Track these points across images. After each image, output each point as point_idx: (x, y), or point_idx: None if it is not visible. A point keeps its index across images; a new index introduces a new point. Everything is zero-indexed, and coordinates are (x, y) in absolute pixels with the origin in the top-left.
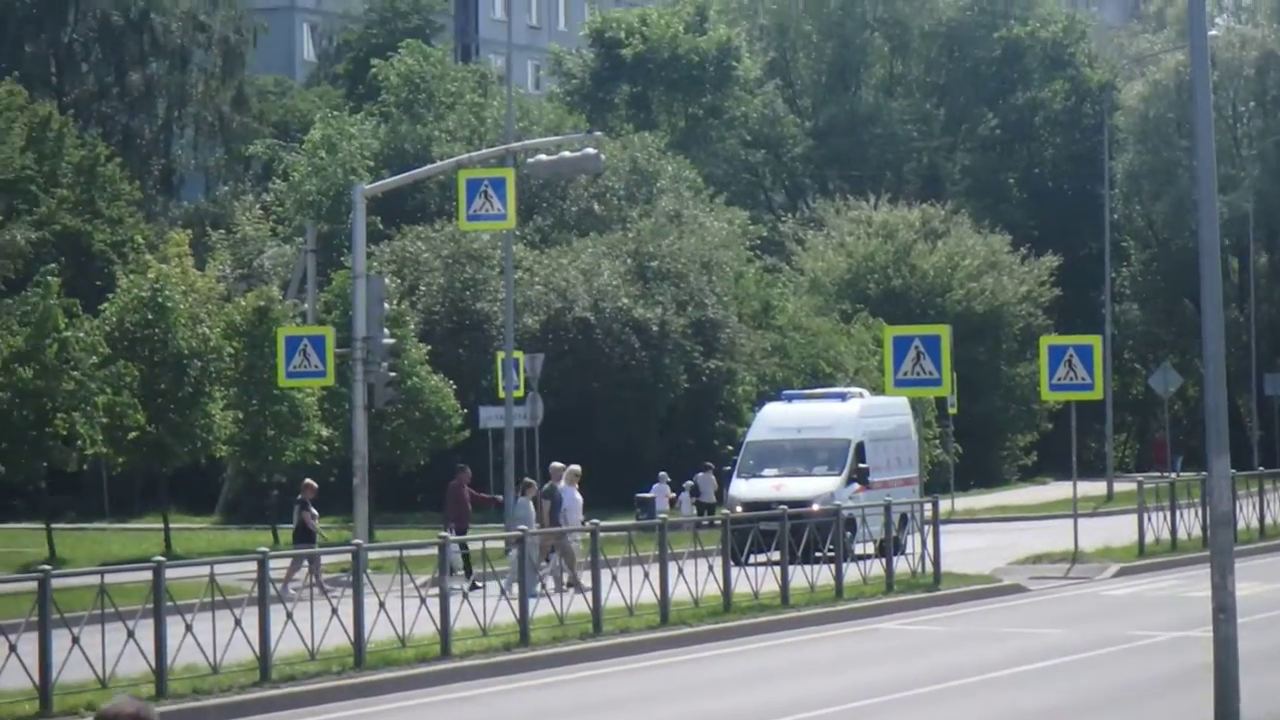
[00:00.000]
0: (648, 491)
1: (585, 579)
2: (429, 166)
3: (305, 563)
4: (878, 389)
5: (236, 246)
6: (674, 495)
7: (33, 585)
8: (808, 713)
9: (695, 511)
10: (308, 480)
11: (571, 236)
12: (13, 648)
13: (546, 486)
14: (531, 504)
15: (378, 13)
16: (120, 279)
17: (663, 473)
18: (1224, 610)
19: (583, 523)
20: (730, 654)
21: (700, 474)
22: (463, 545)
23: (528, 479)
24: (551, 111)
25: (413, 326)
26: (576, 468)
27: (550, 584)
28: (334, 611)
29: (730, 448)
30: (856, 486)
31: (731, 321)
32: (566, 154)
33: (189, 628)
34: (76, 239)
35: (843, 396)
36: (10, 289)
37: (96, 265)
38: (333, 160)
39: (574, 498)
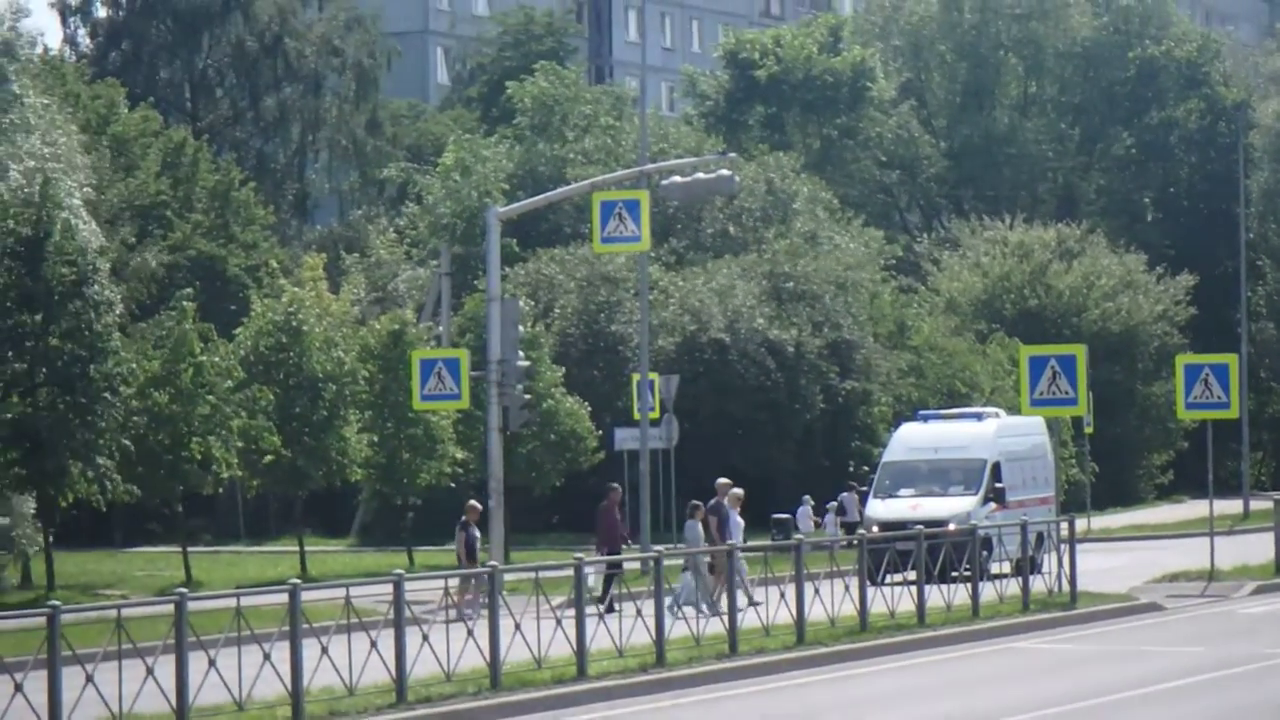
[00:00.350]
0: (787, 513)
1: (736, 600)
2: (563, 189)
3: (473, 582)
4: (1013, 409)
5: (371, 270)
6: (818, 518)
7: (169, 608)
8: None
9: (841, 532)
10: (471, 502)
11: (707, 258)
12: (150, 671)
13: (713, 503)
14: (700, 525)
15: (511, 35)
16: (255, 303)
17: (806, 495)
18: None
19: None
20: (866, 674)
21: (845, 494)
22: (611, 566)
23: (694, 502)
24: (688, 134)
25: (547, 349)
26: (739, 491)
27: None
28: (470, 633)
29: (866, 468)
30: (993, 506)
31: (867, 342)
32: (701, 175)
33: (325, 650)
34: (211, 264)
35: (979, 416)
36: (144, 313)
37: (231, 290)
38: (466, 183)
39: (735, 520)
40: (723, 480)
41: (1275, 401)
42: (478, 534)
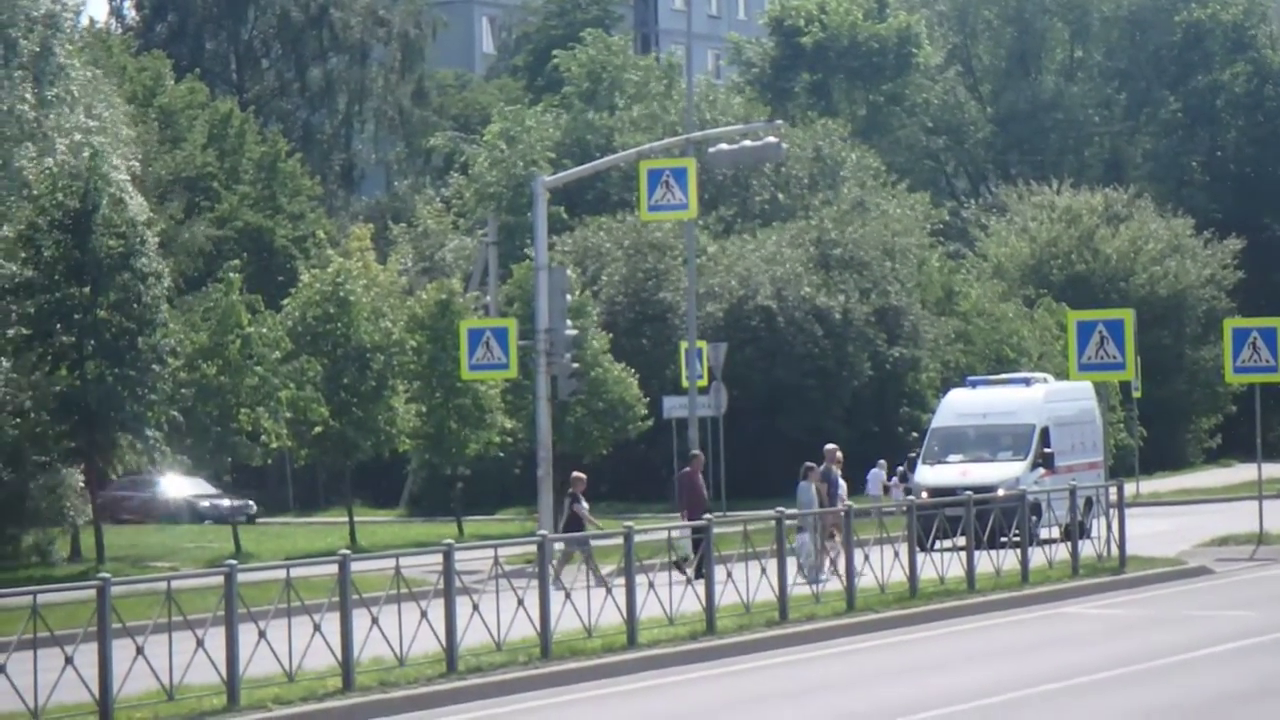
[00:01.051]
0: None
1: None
2: (609, 157)
3: (576, 550)
4: (1061, 374)
5: (418, 240)
6: (888, 482)
7: (219, 580)
8: (995, 697)
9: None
10: (577, 473)
11: (755, 226)
12: (200, 643)
13: (823, 468)
14: (814, 488)
15: (556, 4)
16: (302, 274)
17: (881, 460)
18: None
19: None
20: (916, 640)
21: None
22: (697, 531)
23: (809, 464)
24: (735, 102)
25: (595, 317)
26: (838, 452)
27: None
28: (520, 603)
29: (915, 434)
30: (1042, 471)
31: (915, 309)
32: (748, 143)
33: (375, 620)
34: (258, 235)
35: (1027, 382)
36: (191, 285)
37: (278, 261)
38: (513, 152)
39: (841, 483)
40: (830, 445)
41: None
42: (586, 505)
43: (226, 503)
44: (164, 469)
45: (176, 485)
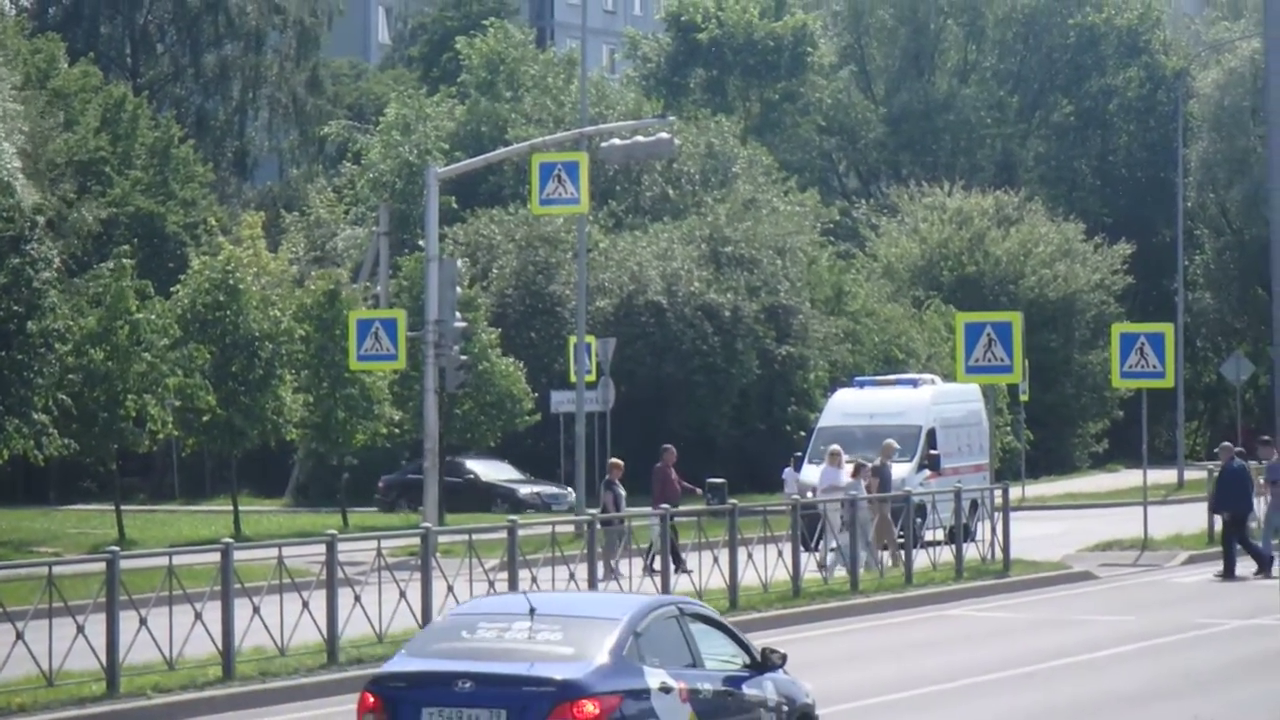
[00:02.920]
0: (721, 478)
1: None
2: (502, 150)
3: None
4: (949, 376)
5: (310, 229)
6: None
7: (101, 566)
8: (874, 699)
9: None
10: (614, 459)
11: (646, 221)
12: (80, 629)
13: (878, 463)
14: (864, 486)
15: None
16: (192, 261)
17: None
18: None
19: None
20: (798, 639)
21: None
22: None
23: (861, 462)
24: (629, 96)
25: (485, 310)
26: (895, 445)
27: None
28: (402, 595)
29: (802, 433)
30: (928, 473)
31: (804, 307)
32: (640, 139)
33: (256, 610)
34: (150, 221)
35: (914, 383)
36: (80, 269)
37: (170, 247)
38: (407, 141)
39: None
40: (889, 441)
41: (1210, 371)
42: (623, 491)
43: (551, 490)
44: (475, 453)
45: (489, 469)
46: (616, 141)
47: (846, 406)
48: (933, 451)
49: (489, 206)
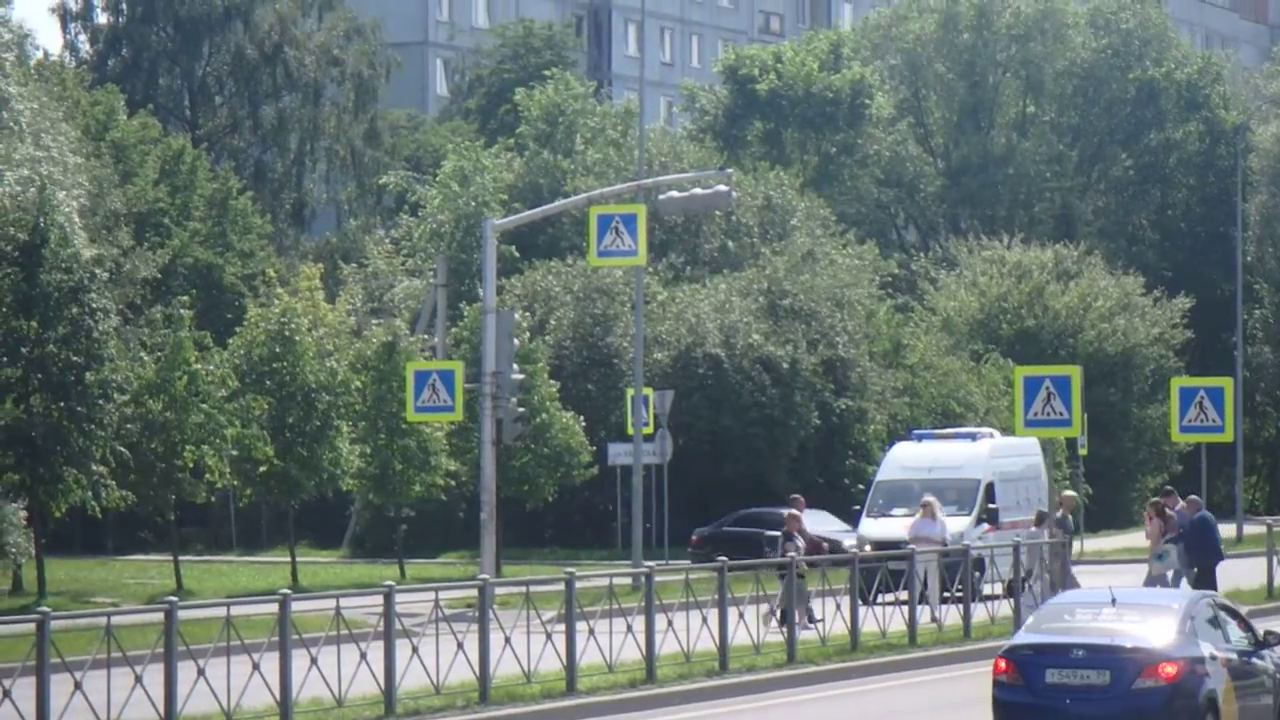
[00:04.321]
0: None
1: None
2: (560, 202)
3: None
4: (1008, 429)
5: (368, 280)
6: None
7: (159, 616)
8: None
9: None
10: (791, 511)
11: (705, 273)
12: (138, 679)
13: (1060, 514)
14: (1046, 535)
15: (510, 48)
16: (249, 311)
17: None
18: None
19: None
20: (856, 693)
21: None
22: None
23: (1041, 510)
24: (688, 149)
25: (543, 362)
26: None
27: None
28: (459, 646)
29: (860, 486)
30: (986, 527)
31: (862, 360)
32: (699, 191)
33: (314, 661)
34: (208, 272)
35: (973, 436)
36: (136, 314)
37: (228, 298)
38: (465, 193)
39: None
40: (1068, 493)
41: (1270, 425)
42: (802, 544)
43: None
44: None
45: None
46: (674, 194)
47: (905, 460)
48: (991, 505)
49: (547, 258)
